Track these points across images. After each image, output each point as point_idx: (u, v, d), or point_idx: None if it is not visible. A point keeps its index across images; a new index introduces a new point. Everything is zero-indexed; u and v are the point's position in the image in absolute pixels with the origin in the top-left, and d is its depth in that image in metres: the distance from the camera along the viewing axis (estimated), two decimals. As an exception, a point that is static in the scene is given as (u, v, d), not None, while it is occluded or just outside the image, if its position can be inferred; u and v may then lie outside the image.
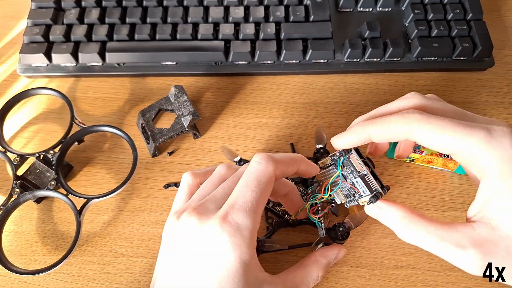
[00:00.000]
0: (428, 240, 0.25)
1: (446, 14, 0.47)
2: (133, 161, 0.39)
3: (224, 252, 0.26)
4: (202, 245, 0.27)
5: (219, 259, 0.27)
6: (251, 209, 0.27)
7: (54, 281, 0.37)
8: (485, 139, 0.24)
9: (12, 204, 0.38)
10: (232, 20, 0.47)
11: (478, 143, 0.24)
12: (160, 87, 0.47)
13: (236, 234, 0.26)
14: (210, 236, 0.27)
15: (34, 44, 0.46)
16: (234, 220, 0.27)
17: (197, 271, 0.27)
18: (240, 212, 0.27)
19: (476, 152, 0.24)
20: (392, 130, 0.27)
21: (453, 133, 0.24)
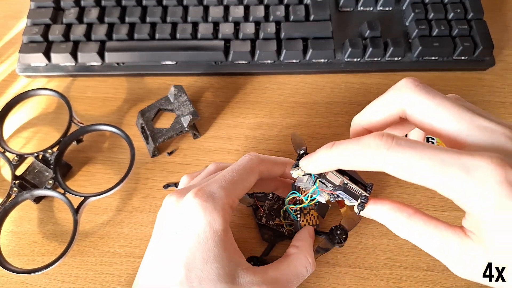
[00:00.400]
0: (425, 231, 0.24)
1: (447, 14, 0.47)
2: (131, 159, 0.39)
3: (194, 218, 0.28)
4: (178, 217, 0.29)
5: (190, 227, 0.28)
6: (227, 185, 0.29)
7: (53, 282, 0.37)
8: (462, 179, 0.21)
9: (11, 203, 0.37)
10: (232, 20, 0.47)
11: (455, 182, 0.21)
12: (159, 86, 0.47)
13: (208, 201, 0.28)
14: (184, 206, 0.28)
15: (33, 43, 0.46)
16: (208, 190, 0.28)
17: (172, 242, 0.28)
18: (215, 184, 0.29)
19: (454, 190, 0.21)
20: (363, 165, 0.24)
21: (430, 165, 0.22)
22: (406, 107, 0.25)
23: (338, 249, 0.38)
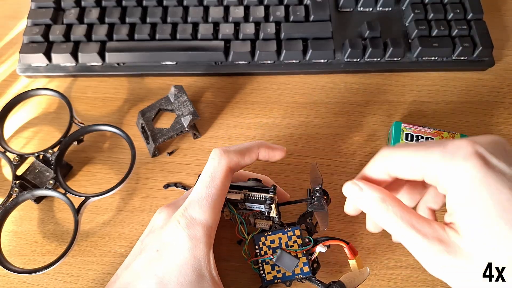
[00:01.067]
0: (400, 225, 0.25)
1: (446, 14, 0.47)
2: (132, 159, 0.39)
3: (177, 243, 0.29)
4: (162, 239, 0.30)
5: (172, 249, 0.29)
6: (205, 205, 0.29)
7: (54, 282, 0.37)
8: (439, 155, 0.24)
9: (11, 203, 0.37)
10: (232, 20, 0.47)
11: (434, 160, 0.24)
12: (159, 87, 0.47)
13: (189, 227, 0.29)
14: (169, 230, 0.29)
15: (33, 44, 0.46)
16: (189, 214, 0.29)
17: (152, 262, 0.29)
18: (195, 208, 0.29)
19: (434, 169, 0.24)
20: (373, 169, 0.28)
21: (414, 156, 0.25)
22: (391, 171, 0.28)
23: (338, 248, 0.38)
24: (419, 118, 0.45)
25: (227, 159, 0.31)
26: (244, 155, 0.32)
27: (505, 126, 0.44)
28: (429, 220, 0.25)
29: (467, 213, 0.23)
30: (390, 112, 0.45)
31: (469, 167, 0.23)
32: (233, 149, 0.32)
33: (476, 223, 0.22)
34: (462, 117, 0.45)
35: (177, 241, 0.29)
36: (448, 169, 0.23)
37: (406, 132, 0.41)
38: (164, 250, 0.29)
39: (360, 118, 0.45)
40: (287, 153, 0.43)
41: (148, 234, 0.32)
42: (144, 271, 0.29)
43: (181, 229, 0.29)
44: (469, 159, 0.23)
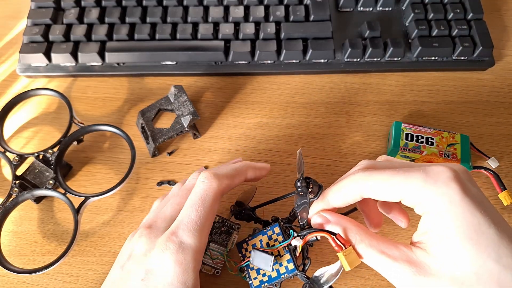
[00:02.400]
0: (369, 252, 0.26)
1: (447, 14, 0.47)
2: (131, 159, 0.39)
3: (164, 269, 0.28)
4: (148, 266, 0.28)
5: (159, 277, 0.28)
6: (195, 228, 0.29)
7: (54, 281, 0.37)
8: (421, 180, 0.25)
9: (11, 203, 0.37)
10: (232, 20, 0.47)
11: (416, 185, 0.25)
12: (159, 87, 0.47)
13: (178, 252, 0.28)
14: (155, 256, 0.28)
15: (33, 44, 0.46)
16: (178, 239, 0.28)
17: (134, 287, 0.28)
18: (185, 231, 0.29)
19: (416, 193, 0.25)
20: (345, 193, 0.28)
21: (393, 181, 0.26)
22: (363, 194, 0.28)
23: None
24: (419, 118, 0.45)
25: (217, 183, 0.31)
26: (234, 178, 0.32)
27: (505, 126, 0.44)
28: (395, 243, 0.26)
29: (440, 233, 0.24)
30: (390, 112, 0.45)
31: (449, 190, 0.24)
32: (223, 173, 0.32)
33: (447, 242, 0.24)
34: (462, 117, 0.45)
35: (164, 268, 0.28)
36: (429, 193, 0.25)
37: (406, 132, 0.41)
38: (151, 279, 0.28)
39: (360, 118, 0.45)
40: (287, 153, 0.43)
41: (129, 260, 0.30)
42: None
43: (168, 254, 0.28)
44: (450, 183, 0.24)
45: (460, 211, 0.24)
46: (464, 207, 0.24)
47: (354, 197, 0.28)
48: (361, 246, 0.27)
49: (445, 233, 0.24)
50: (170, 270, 0.27)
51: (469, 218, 0.23)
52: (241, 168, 0.33)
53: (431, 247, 0.25)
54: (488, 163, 0.41)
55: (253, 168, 0.34)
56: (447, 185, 0.24)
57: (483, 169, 0.40)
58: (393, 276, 0.25)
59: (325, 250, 0.38)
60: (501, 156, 0.42)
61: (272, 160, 0.43)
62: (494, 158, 0.41)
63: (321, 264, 0.38)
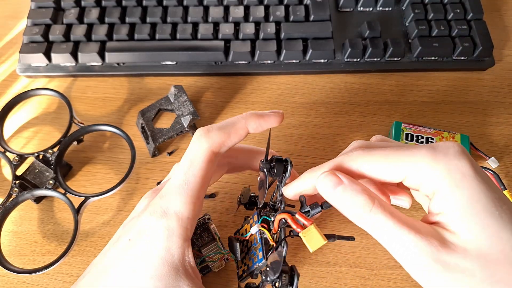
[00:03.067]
0: (388, 222, 0.23)
1: (447, 14, 0.47)
2: (131, 159, 0.39)
3: (149, 233, 0.27)
4: (137, 227, 0.27)
5: (143, 240, 0.27)
6: (181, 193, 0.27)
7: (54, 282, 0.37)
8: (430, 155, 0.23)
9: (11, 203, 0.37)
10: (232, 20, 0.47)
11: (423, 160, 0.23)
12: (159, 87, 0.47)
13: (162, 217, 0.26)
14: (143, 219, 0.27)
15: (33, 44, 0.46)
16: (164, 204, 0.27)
17: (125, 252, 0.27)
18: (171, 196, 0.27)
19: (424, 169, 0.23)
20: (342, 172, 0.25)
21: (397, 157, 0.24)
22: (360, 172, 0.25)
23: (337, 248, 0.38)
24: (419, 118, 0.45)
25: (209, 141, 0.27)
26: (229, 133, 0.28)
27: (505, 126, 0.44)
28: (417, 220, 0.24)
29: (459, 209, 0.22)
30: (390, 112, 0.45)
31: (462, 164, 0.23)
32: (215, 128, 0.28)
33: (469, 218, 0.22)
34: (462, 117, 0.45)
35: (149, 231, 0.27)
36: (440, 168, 0.23)
37: (406, 132, 0.41)
38: (137, 240, 0.27)
39: (360, 118, 0.45)
40: (287, 153, 0.43)
41: (129, 220, 0.30)
42: (116, 262, 0.27)
43: (154, 219, 0.27)
44: (461, 157, 0.23)
45: (476, 185, 0.22)
46: (480, 181, 0.22)
47: (350, 173, 0.25)
48: (377, 212, 0.23)
49: (465, 209, 0.22)
50: (154, 234, 0.26)
51: (487, 192, 0.22)
52: (238, 119, 0.28)
53: (452, 226, 0.23)
54: (488, 163, 0.41)
55: (255, 117, 0.29)
56: (459, 159, 0.23)
57: (483, 169, 0.40)
58: (409, 253, 0.22)
59: (325, 250, 0.38)
60: (501, 156, 0.42)
61: (272, 160, 0.43)
62: (494, 158, 0.41)
63: (320, 264, 0.38)
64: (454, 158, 0.23)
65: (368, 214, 0.23)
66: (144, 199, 0.30)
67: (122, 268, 0.27)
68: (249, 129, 0.29)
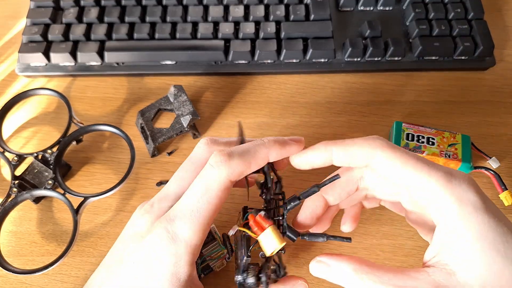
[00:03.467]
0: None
1: (447, 13, 0.47)
2: (131, 159, 0.39)
3: (155, 258, 0.26)
4: (144, 250, 0.27)
5: (150, 264, 0.26)
6: (193, 220, 0.26)
7: (53, 282, 0.37)
8: (445, 179, 0.23)
9: (10, 203, 0.37)
10: (232, 19, 0.47)
11: (438, 182, 0.23)
12: (159, 86, 0.47)
13: (171, 243, 0.26)
14: (151, 242, 0.26)
15: (33, 43, 0.46)
16: (173, 229, 0.26)
17: (132, 277, 0.27)
18: (181, 221, 0.26)
19: (436, 191, 0.23)
20: (354, 152, 0.26)
21: (415, 168, 0.24)
22: (373, 162, 0.26)
23: (338, 249, 0.38)
24: (420, 118, 0.45)
25: (228, 171, 0.26)
26: (250, 163, 0.26)
27: (506, 126, 0.44)
28: (409, 272, 0.24)
29: (465, 245, 0.22)
30: (391, 112, 0.45)
31: (475, 198, 0.23)
32: (237, 155, 0.26)
33: (474, 256, 0.22)
34: (463, 117, 0.45)
35: (158, 256, 0.26)
36: (452, 196, 0.23)
37: (407, 132, 0.41)
38: (145, 265, 0.26)
39: (360, 118, 0.45)
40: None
41: (131, 238, 0.28)
42: (122, 285, 0.27)
43: (162, 244, 0.26)
44: (474, 189, 0.23)
45: (486, 219, 0.22)
46: (490, 215, 0.22)
47: (361, 161, 0.26)
48: (370, 285, 0.24)
49: (470, 245, 0.22)
50: (161, 259, 0.26)
51: (495, 229, 0.22)
52: (262, 149, 0.27)
53: (453, 264, 0.23)
54: (489, 163, 0.41)
55: (279, 146, 0.27)
56: (472, 191, 0.23)
57: (484, 169, 0.40)
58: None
59: (325, 251, 0.38)
60: (502, 156, 0.42)
61: (272, 160, 0.42)
62: (495, 158, 0.41)
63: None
64: (467, 190, 0.23)
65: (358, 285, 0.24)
66: (142, 216, 0.28)
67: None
68: (270, 158, 0.27)
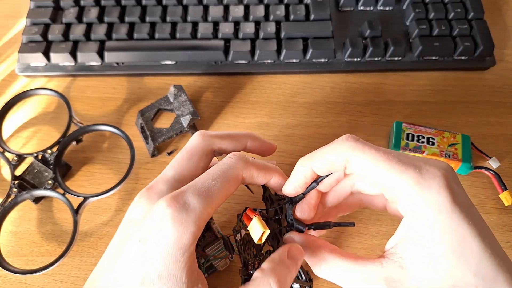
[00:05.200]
0: (341, 275, 0.26)
1: (447, 13, 0.47)
2: (131, 159, 0.39)
3: (162, 231, 0.24)
4: (144, 225, 0.26)
5: (155, 238, 0.25)
6: (206, 194, 0.25)
7: (53, 282, 0.37)
8: (414, 179, 0.24)
9: (10, 204, 0.37)
10: (232, 19, 0.47)
11: (407, 182, 0.24)
12: (159, 86, 0.47)
13: (181, 211, 0.24)
14: (154, 214, 0.25)
15: (32, 43, 0.46)
16: (183, 199, 0.25)
17: (132, 251, 0.26)
18: (194, 194, 0.25)
19: (404, 190, 0.24)
20: (330, 161, 0.26)
21: (387, 167, 0.24)
22: (348, 165, 0.26)
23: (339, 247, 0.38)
24: (420, 118, 0.45)
25: (244, 164, 0.28)
26: (260, 170, 0.28)
27: (506, 126, 0.44)
28: (363, 261, 0.25)
29: (422, 242, 0.23)
30: (391, 112, 0.45)
31: (441, 198, 0.23)
32: (252, 160, 0.28)
33: (428, 252, 0.23)
34: (463, 117, 0.45)
35: (162, 226, 0.24)
36: (420, 197, 0.24)
37: (407, 132, 0.41)
38: (148, 240, 0.25)
39: (360, 118, 0.45)
40: (288, 153, 0.43)
41: (129, 224, 0.28)
42: (127, 270, 0.25)
43: (169, 212, 0.24)
44: (442, 190, 0.23)
45: (448, 221, 0.23)
46: (453, 217, 0.23)
47: (338, 166, 0.26)
48: (323, 266, 0.26)
49: (428, 243, 0.23)
50: (167, 229, 0.24)
51: (456, 230, 0.23)
52: (271, 168, 0.29)
53: (406, 258, 0.24)
54: (489, 163, 0.41)
55: (280, 175, 0.30)
56: (439, 192, 0.23)
57: (484, 169, 0.40)
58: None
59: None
60: (502, 156, 0.42)
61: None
62: (495, 158, 0.41)
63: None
64: (435, 190, 0.23)
65: (319, 272, 0.27)
66: (138, 200, 0.28)
67: (134, 276, 0.25)
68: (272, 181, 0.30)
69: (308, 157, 0.28)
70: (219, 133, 0.30)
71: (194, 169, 0.29)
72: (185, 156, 0.29)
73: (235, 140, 0.30)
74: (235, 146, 0.30)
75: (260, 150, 0.32)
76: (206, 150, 0.29)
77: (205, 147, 0.29)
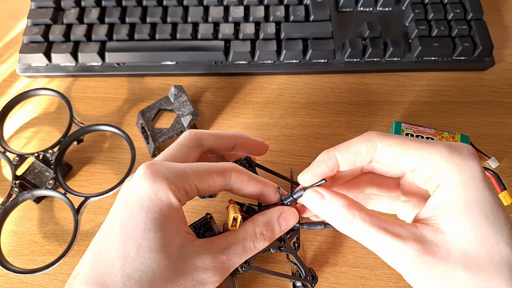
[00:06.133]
0: (370, 230, 0.24)
1: (447, 14, 0.47)
2: (131, 159, 0.39)
3: (141, 185, 0.26)
4: (127, 185, 0.27)
5: (135, 193, 0.26)
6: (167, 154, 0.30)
7: (54, 281, 0.37)
8: (446, 151, 0.24)
9: (11, 203, 0.37)
10: (232, 20, 0.47)
11: (439, 155, 0.24)
12: (159, 87, 0.47)
13: (158, 171, 0.26)
14: (134, 175, 0.27)
15: (33, 44, 0.46)
16: (163, 163, 0.27)
17: (117, 210, 0.27)
18: (159, 157, 0.29)
19: (437, 163, 0.24)
20: (356, 151, 0.26)
21: (415, 148, 0.25)
22: (375, 154, 0.27)
23: (337, 248, 0.38)
24: (419, 118, 0.45)
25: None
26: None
27: (505, 126, 0.44)
28: (400, 222, 0.25)
29: (457, 206, 0.23)
30: (390, 112, 0.45)
31: (474, 165, 0.24)
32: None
33: (463, 217, 0.23)
34: (462, 117, 0.45)
35: (140, 184, 0.26)
36: (454, 163, 0.24)
37: (406, 132, 0.41)
38: (129, 194, 0.27)
39: (360, 118, 0.45)
40: (287, 153, 0.43)
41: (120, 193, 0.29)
42: (112, 224, 0.27)
43: (144, 168, 0.27)
44: (474, 159, 0.24)
45: (481, 187, 0.23)
46: (485, 184, 0.23)
47: (365, 157, 0.26)
48: (361, 225, 0.25)
49: (463, 208, 0.23)
50: (145, 183, 0.26)
51: (488, 196, 0.23)
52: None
53: (443, 223, 0.24)
54: (488, 163, 0.41)
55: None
56: (472, 160, 0.24)
57: (484, 170, 0.40)
58: (395, 257, 0.24)
59: (325, 250, 0.38)
60: (501, 156, 0.42)
61: (272, 160, 0.43)
62: (494, 158, 0.41)
63: (321, 264, 0.38)
64: (467, 159, 0.24)
65: (350, 225, 0.25)
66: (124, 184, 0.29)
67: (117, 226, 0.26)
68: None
69: (333, 148, 0.28)
70: (207, 131, 0.32)
71: (183, 159, 0.30)
72: (175, 147, 0.31)
73: (223, 136, 0.32)
74: (222, 142, 0.32)
75: (251, 148, 0.33)
76: (194, 144, 0.31)
77: (194, 141, 0.31)
